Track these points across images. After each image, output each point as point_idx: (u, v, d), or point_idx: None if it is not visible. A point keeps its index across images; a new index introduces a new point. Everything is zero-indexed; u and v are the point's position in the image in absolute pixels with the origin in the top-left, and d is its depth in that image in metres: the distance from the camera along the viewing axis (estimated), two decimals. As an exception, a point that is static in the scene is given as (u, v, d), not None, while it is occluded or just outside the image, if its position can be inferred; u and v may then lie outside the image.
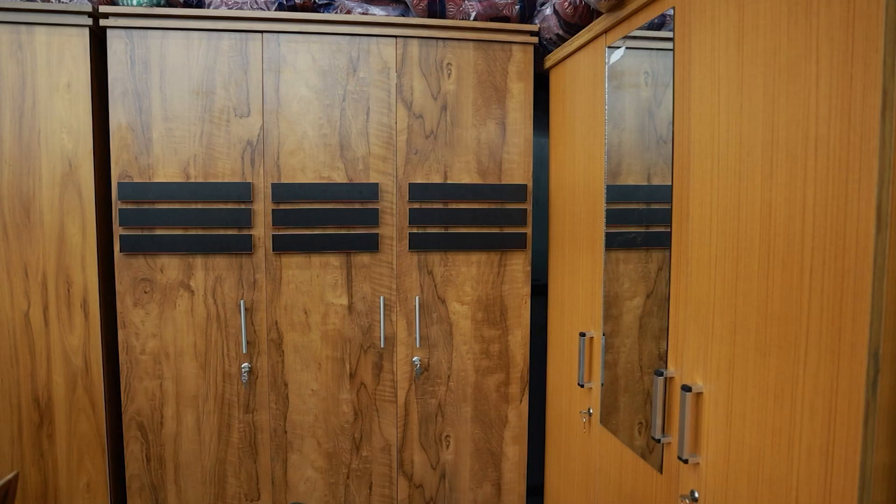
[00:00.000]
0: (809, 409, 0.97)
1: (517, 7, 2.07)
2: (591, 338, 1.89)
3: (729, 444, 1.23)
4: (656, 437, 1.49)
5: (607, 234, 1.81)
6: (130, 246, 1.96)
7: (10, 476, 1.27)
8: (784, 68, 1.03)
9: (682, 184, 1.43)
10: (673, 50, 1.46)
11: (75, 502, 2.00)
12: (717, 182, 1.26)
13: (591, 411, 1.88)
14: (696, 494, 1.33)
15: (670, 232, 1.48)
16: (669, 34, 1.54)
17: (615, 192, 1.78)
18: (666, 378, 1.48)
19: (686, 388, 1.34)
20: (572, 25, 1.94)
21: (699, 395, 1.34)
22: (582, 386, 1.90)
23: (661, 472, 1.51)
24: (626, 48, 1.71)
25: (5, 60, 1.88)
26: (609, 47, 1.77)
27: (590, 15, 1.90)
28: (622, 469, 1.72)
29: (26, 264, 1.93)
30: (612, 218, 1.79)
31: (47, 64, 1.90)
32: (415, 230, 2.07)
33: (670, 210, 1.48)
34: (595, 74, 1.84)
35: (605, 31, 1.77)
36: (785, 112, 1.03)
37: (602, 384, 1.83)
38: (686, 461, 1.35)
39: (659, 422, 1.48)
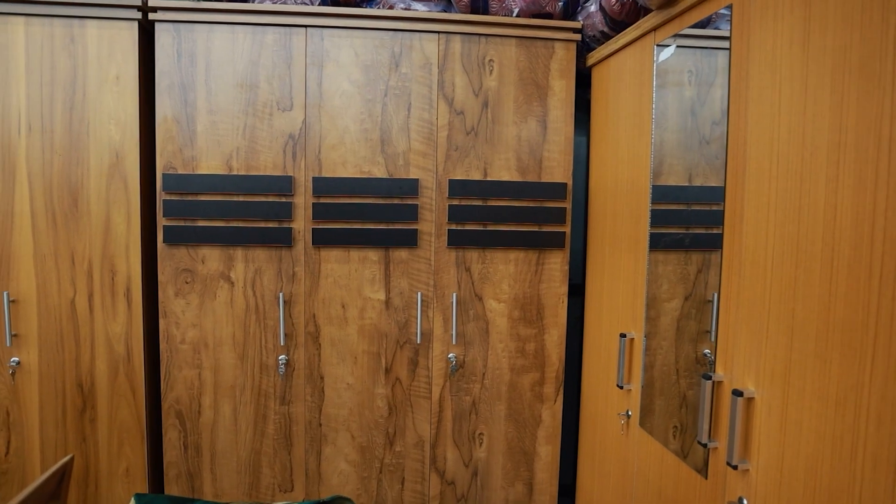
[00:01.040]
0: (876, 417, 0.95)
1: (560, 3, 2.05)
2: (632, 339, 1.87)
3: (783, 451, 1.20)
4: (703, 442, 1.46)
5: (651, 235, 1.78)
6: (173, 237, 1.98)
7: (66, 459, 1.30)
8: (855, 67, 1.00)
9: (735, 185, 1.40)
10: (729, 49, 1.43)
11: (115, 486, 2.04)
12: (776, 183, 1.23)
13: (630, 413, 1.86)
14: (745, 502, 1.30)
15: (721, 233, 1.46)
16: (721, 32, 1.51)
17: (659, 193, 1.76)
18: (714, 382, 1.46)
19: (737, 393, 1.31)
20: (618, 23, 1.91)
21: (750, 400, 1.31)
22: (621, 387, 1.88)
23: (706, 478, 1.49)
24: (677, 46, 1.68)
25: (58, 53, 1.92)
26: (658, 45, 1.74)
27: (637, 12, 1.88)
28: (663, 473, 1.70)
29: (73, 252, 1.97)
30: (655, 219, 1.77)
31: (97, 57, 1.93)
32: (453, 227, 2.06)
33: (722, 211, 1.46)
34: (642, 72, 1.81)
35: (655, 29, 1.74)
36: (855, 113, 1.00)
37: (642, 386, 1.80)
38: (735, 467, 1.32)
39: (706, 426, 1.46)
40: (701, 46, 1.65)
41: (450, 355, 2.10)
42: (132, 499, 1.48)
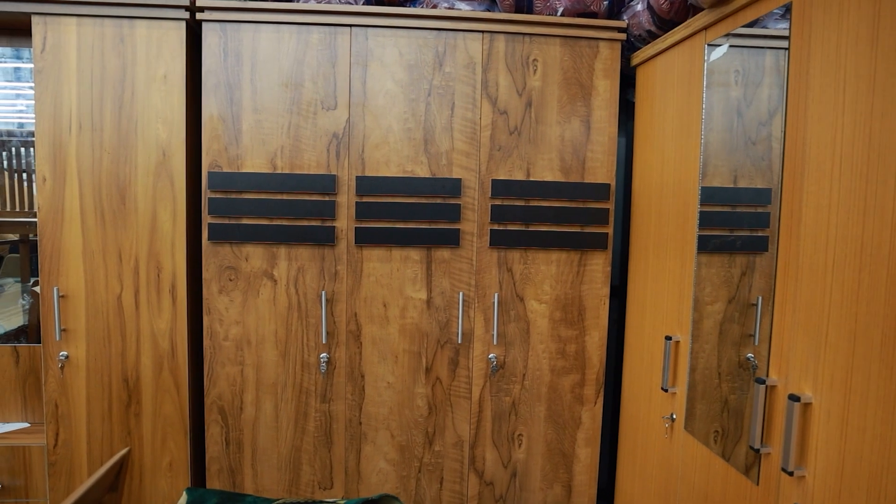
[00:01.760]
0: (959, 427, 0.92)
1: (605, 3, 2.03)
2: (677, 342, 1.84)
3: (843, 458, 1.18)
4: (755, 447, 1.44)
5: (700, 237, 1.76)
6: (218, 234, 2.00)
7: (123, 452, 1.32)
8: (937, 66, 0.97)
9: (792, 185, 1.37)
10: (788, 48, 1.40)
11: (158, 480, 2.07)
12: (839, 185, 1.20)
13: (675, 416, 1.84)
14: (805, 509, 1.28)
15: (776, 236, 1.43)
16: (773, 31, 1.48)
17: (705, 194, 1.73)
18: (767, 386, 1.43)
19: (794, 398, 1.29)
20: (666, 22, 1.89)
21: (807, 405, 1.29)
22: (666, 390, 1.86)
23: (758, 484, 1.46)
24: (730, 46, 1.65)
25: (108, 53, 1.95)
26: (709, 44, 1.72)
27: (686, 11, 1.85)
28: (710, 477, 1.67)
29: (120, 249, 2.00)
30: (702, 221, 1.75)
31: (146, 56, 1.96)
32: (496, 227, 2.06)
33: (768, 213, 1.43)
34: (691, 72, 1.79)
35: (706, 28, 1.72)
36: (936, 112, 0.97)
37: (688, 389, 1.78)
38: (791, 473, 1.30)
39: (758, 431, 1.43)
40: (752, 46, 1.62)
41: (490, 356, 2.09)
42: (184, 493, 1.50)
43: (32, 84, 2.18)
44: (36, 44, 1.93)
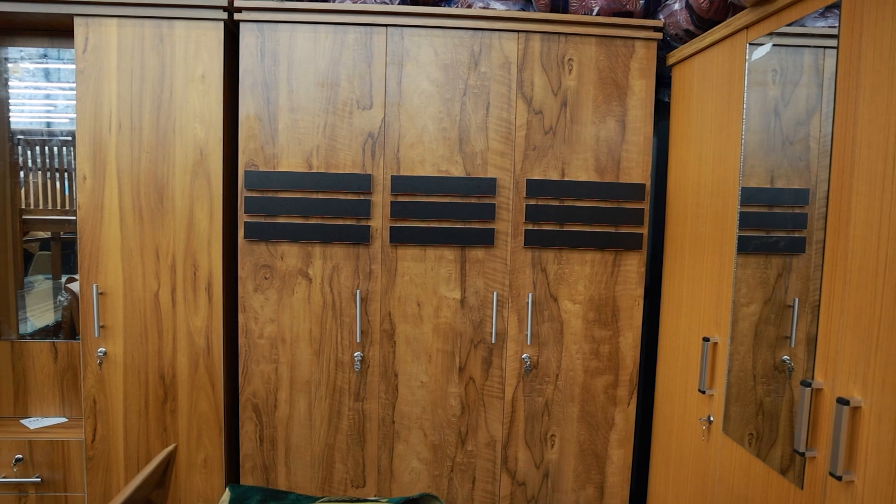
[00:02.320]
0: None
1: (641, 2, 2.02)
2: (715, 343, 1.83)
3: (895, 463, 1.16)
4: (800, 451, 1.42)
5: (740, 238, 1.74)
6: (253, 233, 2.02)
7: (170, 448, 1.33)
8: None
9: (840, 186, 1.35)
10: (837, 47, 1.39)
11: (193, 476, 2.09)
12: (892, 185, 1.19)
13: (712, 419, 1.82)
14: (857, 514, 1.26)
15: (823, 237, 1.41)
16: (820, 29, 1.47)
17: (746, 195, 1.72)
18: (813, 389, 1.42)
19: (843, 402, 1.27)
20: (706, 21, 1.88)
21: (856, 409, 1.27)
22: (703, 392, 1.84)
23: (802, 488, 1.45)
24: (773, 45, 1.64)
25: (148, 53, 1.97)
26: (750, 43, 1.70)
27: (726, 10, 1.84)
28: (749, 481, 1.66)
29: (158, 247, 2.02)
30: (742, 221, 1.73)
31: (184, 56, 1.98)
32: (530, 227, 2.05)
33: (814, 214, 1.42)
34: (732, 72, 1.77)
35: (747, 27, 1.70)
36: None
37: (726, 391, 1.77)
38: (839, 478, 1.28)
39: (803, 434, 1.42)
40: (795, 45, 1.61)
41: (524, 356, 2.09)
42: (227, 489, 1.51)
43: (61, 84, 2.21)
44: (78, 44, 1.95)
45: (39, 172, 2.26)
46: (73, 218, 2.29)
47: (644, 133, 2.07)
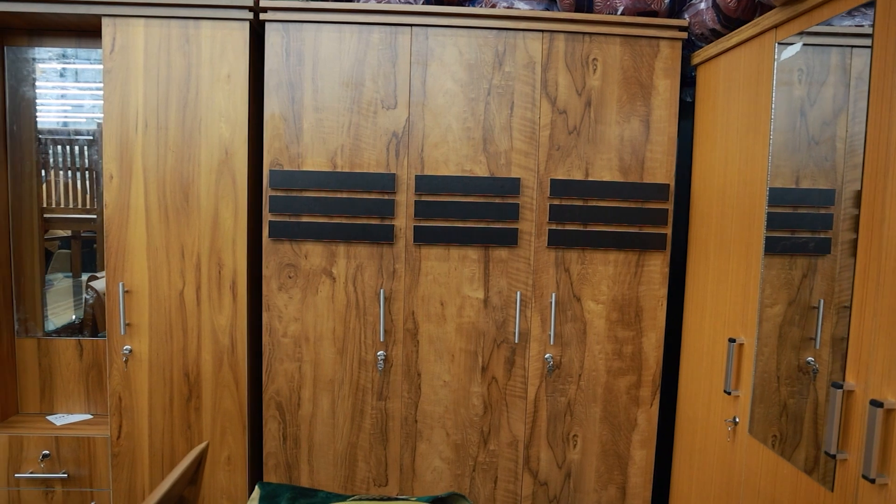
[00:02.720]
0: None
1: (666, 1, 2.02)
2: (741, 344, 1.82)
3: (935, 466, 1.15)
4: (831, 453, 1.42)
5: (767, 239, 1.73)
6: (278, 232, 2.03)
7: (202, 445, 1.34)
8: None
9: (874, 187, 1.34)
10: (871, 46, 1.38)
11: (217, 474, 2.10)
12: (933, 186, 1.18)
13: (738, 420, 1.82)
14: (893, 517, 1.25)
15: (856, 238, 1.40)
16: (851, 28, 1.46)
17: (774, 195, 1.71)
18: (844, 391, 1.41)
19: (876, 404, 1.27)
20: (733, 20, 1.87)
21: (890, 411, 1.26)
22: (728, 393, 1.83)
23: (832, 490, 1.44)
24: (803, 44, 1.63)
25: (174, 53, 1.98)
26: (779, 43, 1.70)
27: (754, 9, 1.83)
28: (777, 483, 1.65)
29: (183, 246, 2.04)
30: (770, 222, 1.72)
31: (210, 56, 1.99)
32: (554, 226, 2.05)
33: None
34: (760, 71, 1.76)
35: (776, 26, 1.69)
36: None
37: (753, 393, 1.76)
38: (873, 481, 1.27)
39: (834, 436, 1.41)
40: (824, 44, 1.60)
41: (547, 356, 2.09)
42: (256, 487, 1.52)
43: (87, 84, 2.23)
44: (105, 45, 1.97)
45: (60, 171, 2.28)
46: (94, 217, 2.31)
47: (668, 133, 2.06)
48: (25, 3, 1.94)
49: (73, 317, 2.33)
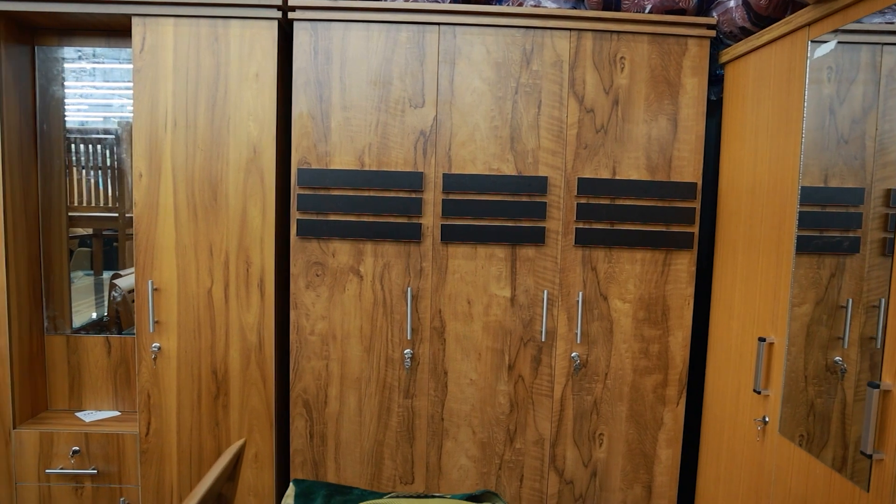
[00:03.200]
0: None
1: (694, -1, 2.01)
2: (771, 343, 1.82)
3: (979, 466, 1.15)
4: (867, 453, 1.41)
5: (799, 238, 1.73)
6: (306, 230, 2.04)
7: (240, 442, 1.35)
8: None
9: (917, 186, 1.34)
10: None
11: (244, 472, 2.11)
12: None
13: (768, 419, 1.81)
14: (936, 517, 1.25)
15: (890, 237, 1.40)
16: (884, 26, 1.45)
17: (805, 194, 1.71)
18: (881, 391, 1.40)
19: (917, 403, 1.26)
20: (763, 18, 1.86)
21: (931, 411, 1.26)
22: (758, 393, 1.83)
23: (868, 490, 1.43)
24: (838, 42, 1.62)
25: (203, 52, 1.99)
26: (812, 41, 1.69)
27: (785, 7, 1.82)
28: (809, 482, 1.65)
29: (211, 244, 2.05)
30: (802, 221, 1.72)
31: (239, 55, 2.00)
32: (581, 225, 2.05)
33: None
34: (791, 69, 1.76)
35: (809, 24, 1.68)
36: None
37: (783, 392, 1.76)
38: (913, 480, 1.27)
39: (871, 436, 1.41)
40: (859, 42, 1.59)
41: (573, 354, 2.09)
42: (291, 484, 1.53)
43: (94, 83, 2.25)
44: (135, 44, 1.98)
45: (83, 170, 2.29)
46: (115, 215, 2.32)
47: (696, 131, 2.06)
48: (57, 3, 1.96)
49: (94, 315, 2.34)
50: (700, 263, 2.26)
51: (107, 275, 2.38)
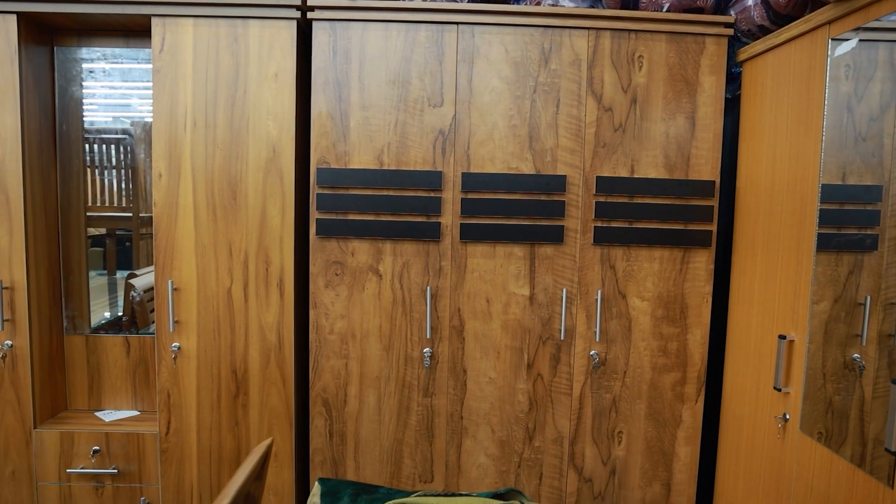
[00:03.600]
0: None
1: (711, -2, 2.02)
2: (791, 341, 1.82)
3: None
4: (891, 450, 1.42)
5: (819, 235, 1.73)
6: (325, 230, 2.04)
7: (268, 441, 1.36)
8: None
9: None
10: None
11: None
12: None
13: (788, 416, 1.82)
14: (968, 512, 1.25)
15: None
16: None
17: (826, 192, 1.71)
18: (906, 387, 1.40)
19: (944, 400, 1.26)
20: (782, 16, 1.87)
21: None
22: (779, 390, 1.83)
23: (892, 487, 1.44)
24: (859, 40, 1.63)
25: (223, 52, 2.00)
26: (833, 39, 1.69)
27: (804, 5, 1.83)
28: (831, 479, 1.65)
29: (231, 243, 2.05)
30: (822, 218, 1.72)
31: (258, 55, 2.01)
32: (599, 224, 2.06)
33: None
34: (811, 68, 1.76)
35: (830, 22, 1.69)
36: None
37: (804, 389, 1.76)
38: (940, 476, 1.27)
39: (894, 433, 1.41)
40: (875, 40, 1.60)
41: (592, 352, 2.09)
42: (316, 483, 1.54)
43: (113, 83, 2.25)
44: (155, 44, 1.99)
45: (97, 170, 2.30)
46: (130, 215, 2.33)
47: (714, 130, 2.06)
48: (76, 4, 1.97)
49: (108, 314, 2.35)
50: (718, 261, 2.27)
51: (120, 274, 2.39)
